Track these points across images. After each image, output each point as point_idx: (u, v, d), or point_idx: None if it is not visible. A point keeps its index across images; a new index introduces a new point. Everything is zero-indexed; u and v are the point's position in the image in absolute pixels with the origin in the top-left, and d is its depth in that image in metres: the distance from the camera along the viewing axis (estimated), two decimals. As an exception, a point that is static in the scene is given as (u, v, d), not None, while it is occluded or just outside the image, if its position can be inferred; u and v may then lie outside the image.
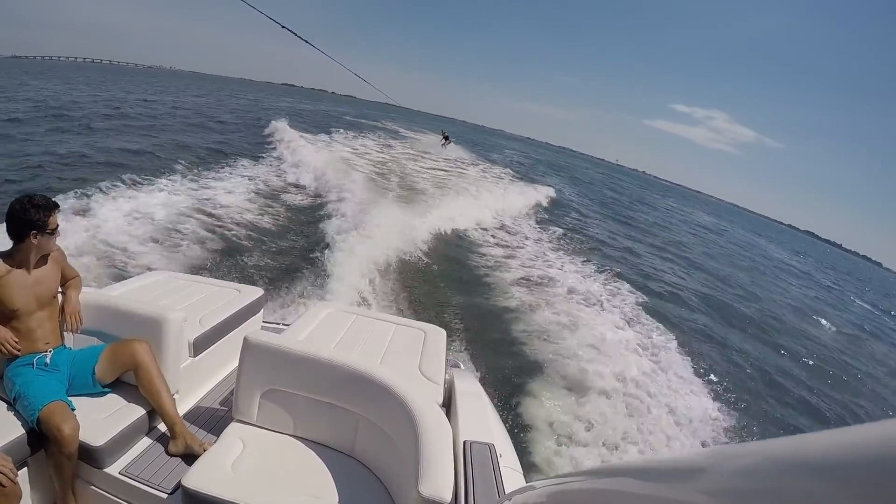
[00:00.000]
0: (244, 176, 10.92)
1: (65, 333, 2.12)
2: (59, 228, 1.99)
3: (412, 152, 22.42)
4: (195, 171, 10.25)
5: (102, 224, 6.21)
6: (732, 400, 5.67)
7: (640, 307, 7.69)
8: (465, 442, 1.76)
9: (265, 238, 7.60)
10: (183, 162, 10.73)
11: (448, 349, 2.70)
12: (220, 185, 9.67)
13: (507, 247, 10.23)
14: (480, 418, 2.02)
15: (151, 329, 2.13)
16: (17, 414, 1.81)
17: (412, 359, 2.44)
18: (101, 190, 7.51)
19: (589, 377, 4.77)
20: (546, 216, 16.36)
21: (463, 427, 1.87)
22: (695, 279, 13.29)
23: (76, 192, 7.11)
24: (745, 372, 7.27)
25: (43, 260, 2.01)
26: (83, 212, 6.52)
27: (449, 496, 1.41)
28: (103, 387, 2.06)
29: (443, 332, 2.78)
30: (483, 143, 48.20)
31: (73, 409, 1.83)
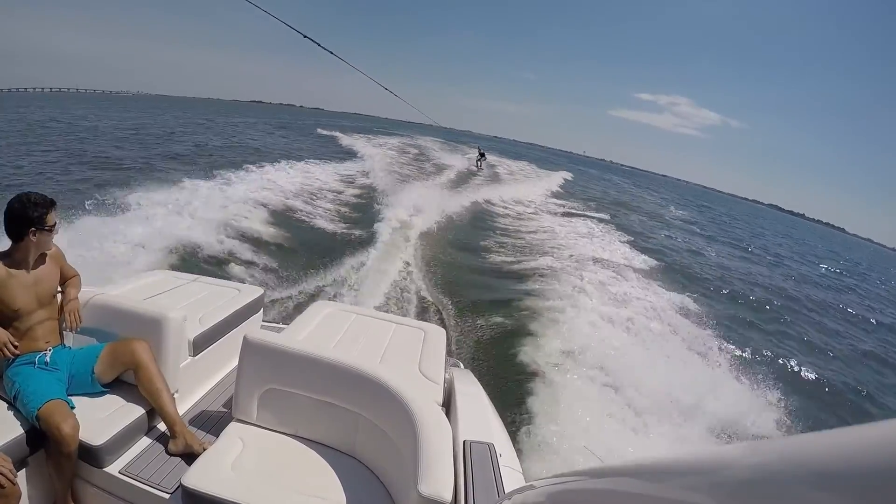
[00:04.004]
0: (242, 178, 10.93)
1: (64, 332, 2.12)
2: (56, 226, 2.00)
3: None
4: (198, 174, 10.28)
5: (110, 226, 6.22)
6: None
7: (644, 302, 7.64)
8: (464, 441, 1.76)
9: (265, 237, 7.61)
10: (185, 167, 10.80)
11: (448, 349, 2.70)
12: (220, 186, 9.68)
13: (507, 245, 10.22)
14: (480, 418, 2.03)
15: (151, 328, 2.13)
16: (17, 413, 1.82)
17: (412, 358, 2.44)
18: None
19: (591, 376, 4.77)
20: (554, 205, 16.60)
21: (463, 427, 1.87)
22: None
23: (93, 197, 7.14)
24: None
25: (42, 259, 2.01)
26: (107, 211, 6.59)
27: (449, 496, 1.41)
28: (103, 386, 2.06)
29: (443, 332, 2.78)
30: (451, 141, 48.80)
31: (73, 408, 1.83)
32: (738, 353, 6.80)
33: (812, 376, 7.23)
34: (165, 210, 7.32)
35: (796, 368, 7.33)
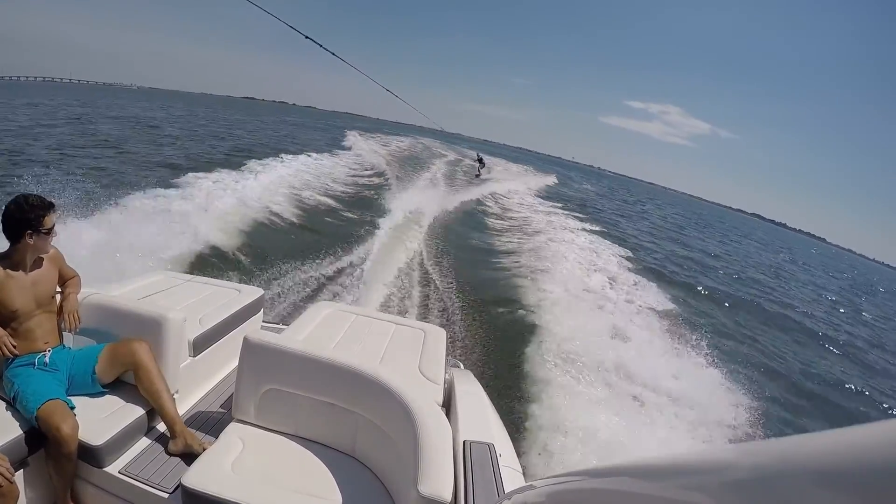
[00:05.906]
0: (243, 177, 10.92)
1: (64, 333, 2.12)
2: (55, 228, 1.99)
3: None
4: (198, 172, 10.25)
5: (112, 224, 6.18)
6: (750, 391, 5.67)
7: (647, 298, 7.64)
8: (464, 442, 1.76)
9: (265, 237, 7.60)
10: (187, 164, 10.77)
11: (448, 349, 2.70)
12: (220, 185, 9.66)
13: (507, 244, 10.22)
14: (480, 418, 2.03)
15: (151, 329, 2.13)
16: (17, 413, 1.81)
17: (412, 359, 2.44)
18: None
19: (592, 376, 4.76)
20: (549, 206, 16.83)
21: (463, 427, 1.87)
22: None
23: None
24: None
25: (40, 261, 2.01)
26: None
27: (449, 496, 1.41)
28: (103, 386, 2.06)
29: (443, 332, 2.79)
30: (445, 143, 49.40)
31: (73, 409, 1.83)
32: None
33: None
34: (164, 209, 7.30)
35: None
